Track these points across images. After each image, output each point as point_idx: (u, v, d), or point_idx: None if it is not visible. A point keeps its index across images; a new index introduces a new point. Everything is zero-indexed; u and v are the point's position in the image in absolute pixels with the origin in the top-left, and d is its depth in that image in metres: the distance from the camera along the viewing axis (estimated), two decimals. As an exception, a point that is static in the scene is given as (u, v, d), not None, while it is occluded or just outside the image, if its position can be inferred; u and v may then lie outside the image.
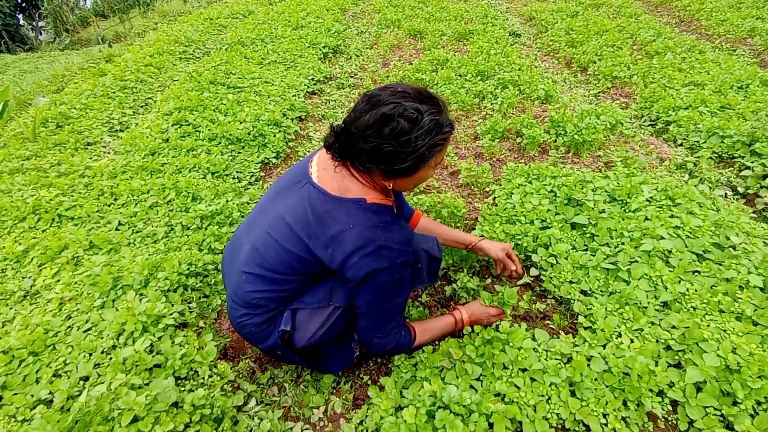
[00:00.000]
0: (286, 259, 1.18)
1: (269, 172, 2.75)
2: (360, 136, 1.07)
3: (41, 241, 1.99)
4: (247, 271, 1.23)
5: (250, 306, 1.24)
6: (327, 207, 1.15)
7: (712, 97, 2.89)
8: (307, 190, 1.19)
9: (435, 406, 1.21)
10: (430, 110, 1.07)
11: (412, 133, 1.05)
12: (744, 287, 1.54)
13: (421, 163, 1.10)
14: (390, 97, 1.06)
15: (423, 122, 1.05)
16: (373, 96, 1.08)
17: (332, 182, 1.18)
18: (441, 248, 1.55)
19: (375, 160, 1.09)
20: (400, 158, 1.07)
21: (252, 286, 1.22)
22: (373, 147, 1.06)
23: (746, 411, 1.20)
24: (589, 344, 1.41)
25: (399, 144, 1.05)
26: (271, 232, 1.20)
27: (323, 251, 1.15)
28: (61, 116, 3.23)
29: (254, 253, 1.23)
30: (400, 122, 1.04)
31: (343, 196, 1.16)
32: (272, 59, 4.23)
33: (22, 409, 1.29)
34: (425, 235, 1.54)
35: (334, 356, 1.40)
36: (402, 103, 1.05)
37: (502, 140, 2.84)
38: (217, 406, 1.31)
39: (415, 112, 1.05)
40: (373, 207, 1.16)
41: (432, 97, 1.11)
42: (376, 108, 1.05)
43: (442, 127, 1.09)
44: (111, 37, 9.15)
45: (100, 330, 1.53)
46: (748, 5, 4.92)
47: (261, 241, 1.22)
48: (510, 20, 5.48)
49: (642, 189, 2.00)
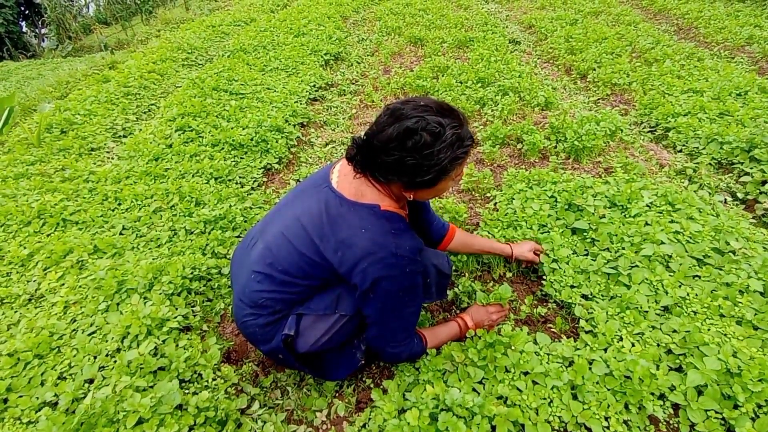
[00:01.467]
0: (297, 261, 1.20)
1: (272, 177, 2.77)
2: (383, 149, 1.09)
3: (46, 245, 2.00)
4: (257, 271, 1.24)
5: (256, 306, 1.25)
6: (341, 210, 1.17)
7: (711, 104, 2.92)
8: (325, 194, 1.22)
9: (438, 408, 1.21)
10: (452, 124, 1.09)
11: (435, 146, 1.07)
12: (744, 292, 1.55)
13: (442, 175, 1.12)
14: (413, 111, 1.08)
15: (445, 136, 1.07)
16: (396, 110, 1.10)
17: (350, 187, 1.21)
18: (451, 265, 1.56)
19: (397, 172, 1.11)
20: (422, 171, 1.09)
21: (260, 286, 1.23)
22: (395, 160, 1.08)
23: (747, 414, 1.21)
24: (591, 348, 1.42)
25: (422, 157, 1.07)
26: (285, 233, 1.22)
27: (333, 254, 1.16)
28: (65, 122, 3.26)
29: (266, 252, 1.24)
30: (423, 136, 1.06)
31: (359, 201, 1.18)
32: (274, 66, 4.27)
33: (27, 412, 1.30)
34: (435, 251, 1.55)
35: (335, 364, 1.39)
36: (425, 117, 1.07)
37: (502, 146, 2.86)
38: (221, 409, 1.31)
39: (438, 126, 1.06)
40: (386, 214, 1.18)
41: (453, 110, 1.13)
42: (399, 122, 1.07)
43: (464, 140, 1.11)
44: (113, 44, 9.23)
45: (104, 333, 1.54)
46: (746, 13, 4.97)
47: (274, 241, 1.24)
48: (510, 28, 5.53)
49: (642, 194, 2.02)
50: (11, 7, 12.82)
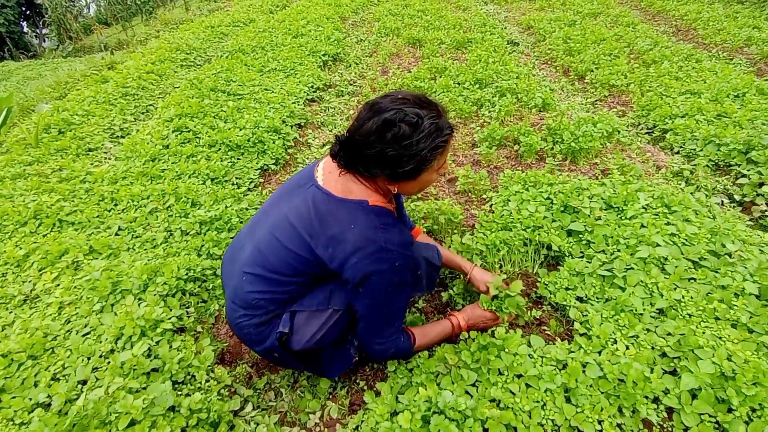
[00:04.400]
0: (286, 259, 1.21)
1: (268, 178, 2.77)
2: (364, 143, 1.11)
3: (42, 245, 2.00)
4: (248, 272, 1.25)
5: (249, 307, 1.25)
6: (330, 207, 1.19)
7: (708, 106, 2.91)
8: (312, 192, 1.23)
9: (430, 411, 1.21)
10: (430, 114, 1.12)
11: (414, 136, 1.09)
12: (739, 295, 1.54)
13: (423, 165, 1.14)
14: (391, 104, 1.11)
15: (423, 126, 1.10)
16: (374, 104, 1.13)
17: (336, 185, 1.22)
18: (441, 257, 1.56)
19: (379, 164, 1.13)
20: (403, 161, 1.11)
21: (252, 287, 1.24)
22: (377, 152, 1.11)
23: (741, 418, 1.20)
24: (585, 351, 1.42)
25: (401, 148, 1.10)
26: (274, 232, 1.23)
27: (323, 250, 1.17)
28: (63, 122, 3.26)
29: (256, 253, 1.25)
30: (402, 127, 1.09)
31: (347, 197, 1.20)
32: (272, 67, 4.27)
33: (20, 413, 1.29)
34: (426, 243, 1.56)
35: (331, 360, 1.40)
36: (403, 108, 1.09)
37: (499, 148, 2.86)
38: (214, 411, 1.31)
39: (416, 116, 1.09)
40: (375, 209, 1.19)
41: (431, 102, 1.16)
42: (378, 115, 1.10)
43: (442, 129, 1.14)
44: (113, 44, 9.23)
45: (98, 334, 1.54)
46: (745, 15, 4.97)
47: (264, 241, 1.25)
48: (508, 29, 5.53)
49: (638, 196, 2.01)
50: (12, 7, 12.84)
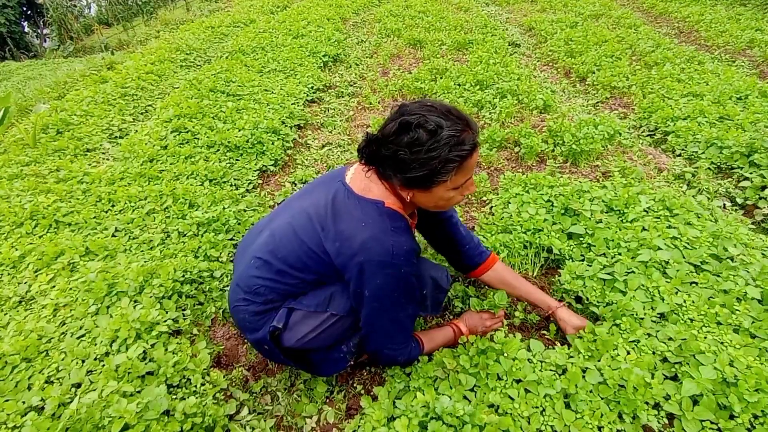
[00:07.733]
0: (296, 250, 1.22)
1: (267, 179, 2.76)
2: (383, 142, 1.11)
3: (38, 246, 1.99)
4: (257, 256, 1.27)
5: (251, 292, 1.26)
6: (347, 203, 1.20)
7: (710, 108, 2.90)
8: (336, 187, 1.25)
9: (428, 417, 1.19)
10: (453, 126, 1.07)
11: (427, 144, 1.06)
12: (742, 299, 1.52)
13: (435, 177, 1.09)
14: (417, 109, 1.09)
15: (441, 136, 1.06)
16: (402, 106, 1.13)
17: (360, 183, 1.23)
18: (450, 280, 1.52)
19: (391, 166, 1.13)
20: (411, 167, 1.09)
21: (257, 272, 1.25)
22: (391, 153, 1.10)
23: (743, 425, 1.18)
24: (585, 356, 1.40)
25: (412, 153, 1.07)
26: (292, 222, 1.25)
27: (331, 245, 1.18)
28: (61, 123, 3.25)
29: (270, 239, 1.27)
30: (419, 132, 1.06)
31: (365, 195, 1.21)
32: (272, 67, 4.26)
33: (13, 416, 1.27)
34: (435, 263, 1.51)
35: (321, 363, 1.38)
36: (426, 115, 1.07)
37: (500, 149, 2.84)
38: (209, 415, 1.29)
39: (436, 125, 1.06)
40: (389, 211, 1.19)
41: (461, 116, 1.10)
42: (401, 117, 1.09)
43: (461, 144, 1.08)
44: (114, 44, 9.23)
45: (93, 336, 1.52)
46: (748, 17, 4.95)
47: (280, 229, 1.27)
48: (509, 30, 5.51)
49: (639, 199, 2.00)
50: (13, 7, 12.84)
